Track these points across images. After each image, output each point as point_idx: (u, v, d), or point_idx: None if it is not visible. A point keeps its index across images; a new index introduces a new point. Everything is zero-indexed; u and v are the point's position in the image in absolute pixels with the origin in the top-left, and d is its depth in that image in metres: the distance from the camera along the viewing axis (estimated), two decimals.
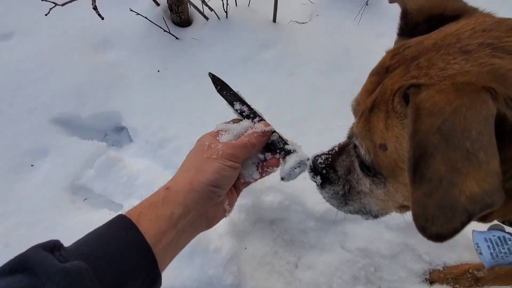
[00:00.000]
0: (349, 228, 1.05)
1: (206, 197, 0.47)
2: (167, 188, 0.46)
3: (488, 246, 0.56)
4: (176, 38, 1.44)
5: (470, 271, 0.87)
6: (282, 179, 0.53)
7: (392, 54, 0.45)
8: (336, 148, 0.57)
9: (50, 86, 1.34)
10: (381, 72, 0.45)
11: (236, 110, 0.55)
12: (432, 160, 0.32)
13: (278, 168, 0.53)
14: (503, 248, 0.55)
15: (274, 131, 0.53)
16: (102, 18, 1.11)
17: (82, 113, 1.31)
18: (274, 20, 1.47)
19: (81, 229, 1.11)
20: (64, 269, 0.33)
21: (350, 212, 0.57)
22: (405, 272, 0.98)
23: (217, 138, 0.52)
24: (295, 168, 0.51)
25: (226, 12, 1.44)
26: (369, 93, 0.46)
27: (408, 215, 0.42)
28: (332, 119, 1.18)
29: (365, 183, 0.50)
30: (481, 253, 0.58)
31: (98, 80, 1.36)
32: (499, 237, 0.56)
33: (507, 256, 0.54)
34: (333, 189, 0.55)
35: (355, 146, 0.49)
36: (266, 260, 1.02)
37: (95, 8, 1.12)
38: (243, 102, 0.55)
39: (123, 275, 0.38)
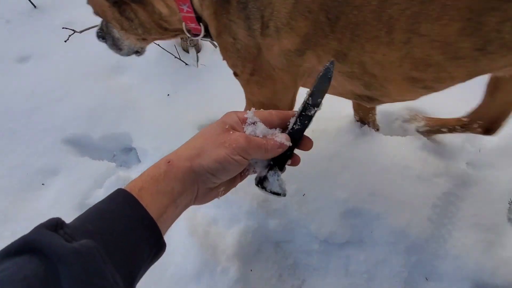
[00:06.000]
0: (352, 251, 1.07)
1: (201, 180, 0.46)
2: (169, 162, 0.45)
3: None
4: (186, 64, 1.51)
5: None
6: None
7: None
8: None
9: (64, 108, 1.39)
10: None
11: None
12: None
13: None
14: None
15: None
16: None
17: (94, 134, 1.36)
18: None
19: None
20: (75, 250, 0.31)
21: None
22: None
23: (242, 124, 0.50)
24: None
25: None
26: None
27: None
28: (337, 137, 1.22)
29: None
30: None
31: (111, 103, 1.41)
32: None
33: None
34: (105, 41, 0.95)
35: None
36: (271, 282, 1.03)
37: None
38: None
39: (131, 251, 0.37)
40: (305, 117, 0.49)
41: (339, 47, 0.69)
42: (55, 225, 0.35)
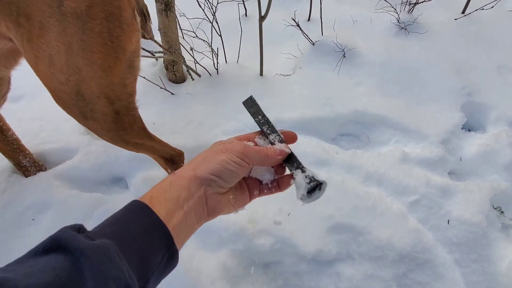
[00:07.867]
0: (341, 268, 1.07)
1: (206, 184, 0.48)
2: (174, 173, 0.50)
3: None
4: (172, 93, 1.57)
5: None
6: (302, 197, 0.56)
7: None
8: None
9: (54, 144, 1.43)
10: None
11: (257, 120, 0.57)
12: None
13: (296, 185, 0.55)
14: None
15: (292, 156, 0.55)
16: None
17: (83, 165, 1.39)
18: (261, 74, 1.61)
19: None
20: (95, 245, 0.36)
21: None
22: None
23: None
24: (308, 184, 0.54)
25: (216, 69, 1.58)
26: None
27: None
28: (316, 165, 1.25)
29: None
30: None
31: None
32: None
33: None
34: None
35: None
36: None
37: None
38: (264, 117, 0.58)
39: (145, 252, 0.41)
40: (268, 125, 0.56)
41: None
42: (78, 228, 0.40)
